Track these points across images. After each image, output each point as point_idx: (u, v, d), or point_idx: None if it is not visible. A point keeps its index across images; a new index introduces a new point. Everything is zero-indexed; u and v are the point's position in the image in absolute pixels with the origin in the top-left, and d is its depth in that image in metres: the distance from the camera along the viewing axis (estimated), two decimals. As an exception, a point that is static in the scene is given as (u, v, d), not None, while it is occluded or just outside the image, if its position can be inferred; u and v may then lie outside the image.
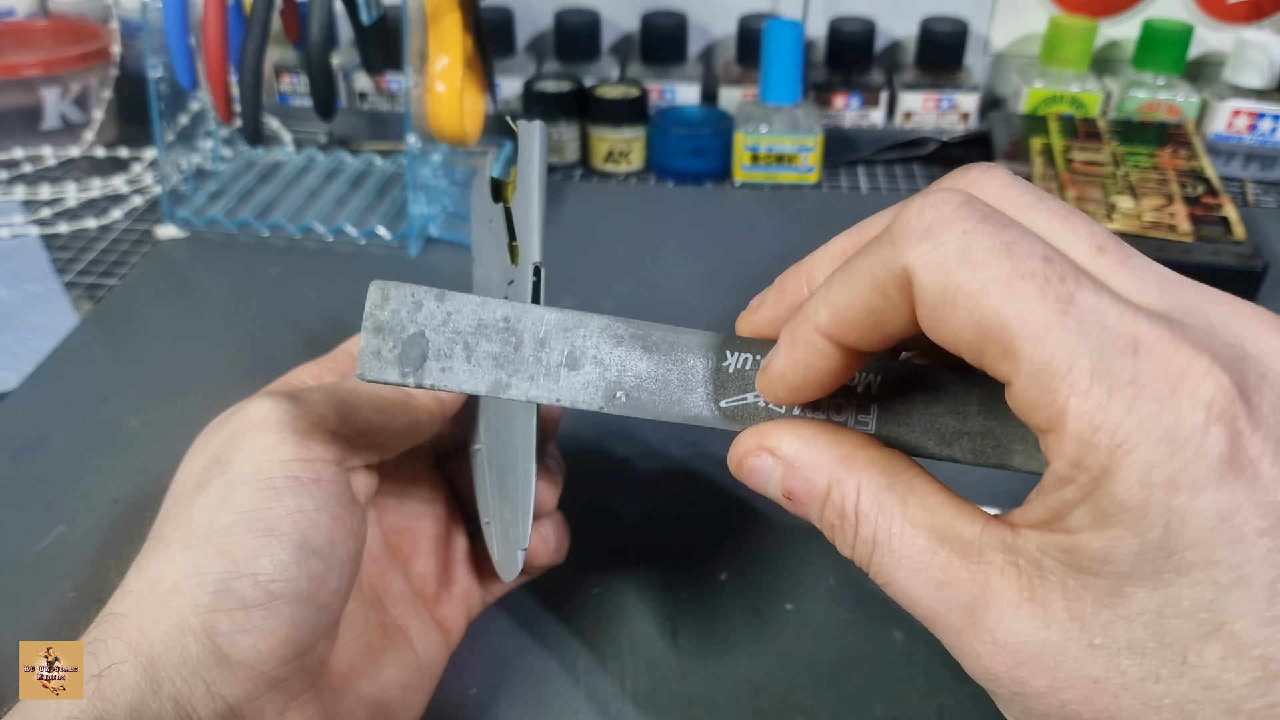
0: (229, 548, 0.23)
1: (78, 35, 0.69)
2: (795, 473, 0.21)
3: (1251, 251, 0.50)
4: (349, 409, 0.26)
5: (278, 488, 0.24)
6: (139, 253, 0.56)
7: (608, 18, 0.74)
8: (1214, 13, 0.72)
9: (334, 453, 0.25)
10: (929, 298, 0.17)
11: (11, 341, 0.48)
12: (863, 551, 0.20)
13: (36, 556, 0.35)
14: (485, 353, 0.22)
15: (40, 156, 0.66)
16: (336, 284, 0.52)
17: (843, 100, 0.71)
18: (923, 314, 0.18)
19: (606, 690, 0.31)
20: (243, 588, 0.23)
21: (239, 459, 0.24)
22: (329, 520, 0.24)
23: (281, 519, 0.23)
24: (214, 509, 0.24)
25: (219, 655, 0.22)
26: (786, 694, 0.31)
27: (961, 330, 0.17)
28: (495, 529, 0.28)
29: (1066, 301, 0.16)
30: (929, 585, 0.19)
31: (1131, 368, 0.16)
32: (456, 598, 0.31)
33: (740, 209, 0.61)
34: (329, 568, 0.24)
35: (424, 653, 0.29)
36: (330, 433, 0.25)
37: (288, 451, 0.24)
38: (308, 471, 0.24)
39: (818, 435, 0.21)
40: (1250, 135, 0.66)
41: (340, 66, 0.73)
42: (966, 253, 0.17)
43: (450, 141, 0.55)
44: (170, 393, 0.44)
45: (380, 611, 0.29)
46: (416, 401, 0.28)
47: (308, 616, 0.24)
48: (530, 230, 0.25)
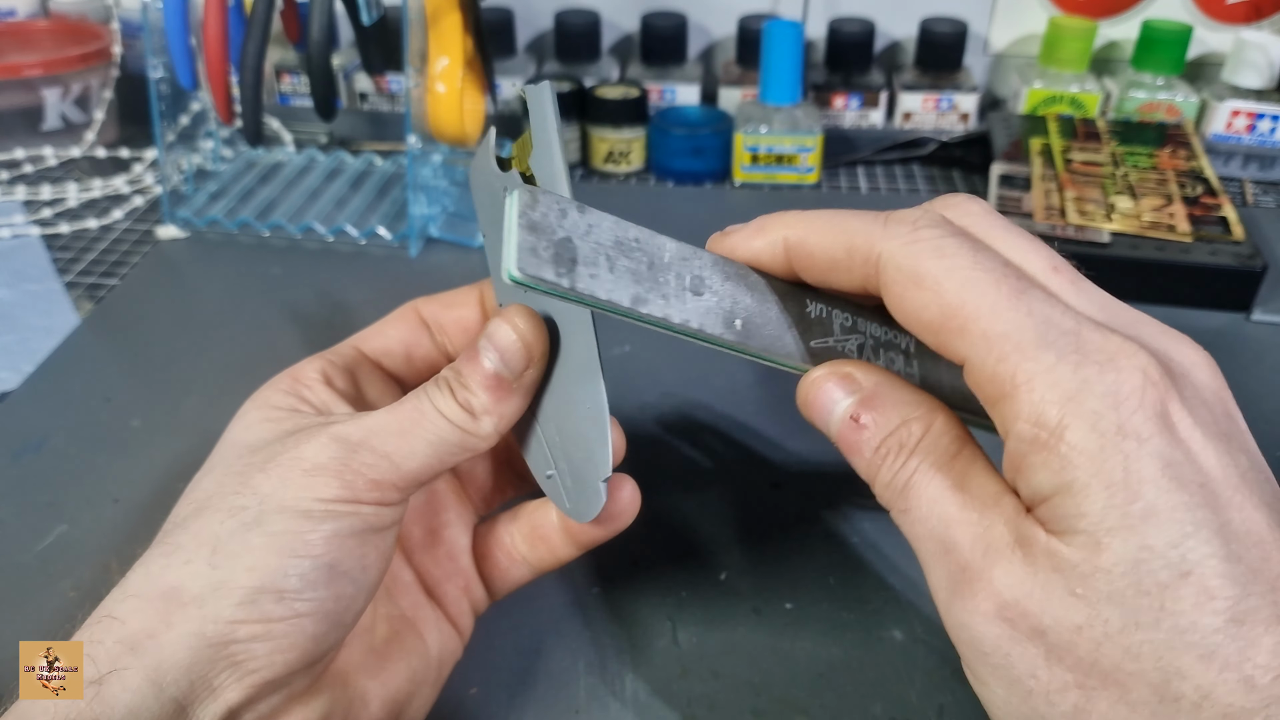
0: (257, 565, 0.23)
1: (78, 35, 0.69)
2: (871, 402, 0.23)
3: (1250, 251, 0.50)
4: (404, 457, 0.25)
5: (315, 516, 0.23)
6: (140, 253, 0.56)
7: (608, 18, 0.74)
8: (1213, 13, 0.72)
9: (378, 498, 0.25)
10: (900, 276, 0.21)
11: (12, 341, 0.48)
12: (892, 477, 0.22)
13: (37, 556, 0.35)
14: (624, 268, 0.22)
15: (41, 157, 0.66)
16: (337, 284, 0.53)
17: (842, 101, 0.71)
18: (891, 291, 0.21)
19: (606, 690, 0.31)
20: (268, 603, 0.22)
21: (279, 494, 0.24)
22: (360, 544, 0.24)
23: (315, 542, 0.23)
24: (245, 531, 0.23)
25: (231, 660, 0.22)
26: (786, 694, 0.31)
27: (924, 309, 0.21)
28: (565, 475, 0.27)
29: (1019, 293, 0.20)
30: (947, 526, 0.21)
31: (1074, 343, 0.19)
32: (462, 592, 0.30)
33: (740, 209, 0.61)
34: (358, 589, 0.24)
35: (435, 646, 0.29)
36: (379, 482, 0.25)
37: (332, 493, 0.24)
38: (348, 509, 0.24)
39: (896, 379, 0.23)
40: (1249, 135, 0.66)
41: (341, 67, 0.73)
42: (939, 248, 0.21)
43: (450, 142, 0.55)
44: (171, 392, 0.44)
45: (389, 605, 0.28)
46: (473, 441, 0.26)
47: (328, 633, 0.23)
48: (557, 181, 0.25)
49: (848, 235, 0.23)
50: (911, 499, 0.21)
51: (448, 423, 0.25)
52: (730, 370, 0.45)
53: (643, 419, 0.42)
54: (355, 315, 0.49)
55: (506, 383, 0.26)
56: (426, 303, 0.32)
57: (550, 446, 0.27)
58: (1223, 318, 0.50)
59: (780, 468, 0.40)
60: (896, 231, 0.22)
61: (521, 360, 0.26)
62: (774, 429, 0.42)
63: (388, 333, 0.31)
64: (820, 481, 0.39)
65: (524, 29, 0.76)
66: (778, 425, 0.42)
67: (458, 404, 0.26)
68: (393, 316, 0.31)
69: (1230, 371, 0.21)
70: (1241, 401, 0.21)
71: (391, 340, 0.31)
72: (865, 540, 0.36)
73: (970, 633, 0.19)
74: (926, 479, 0.21)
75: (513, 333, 0.26)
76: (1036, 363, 0.18)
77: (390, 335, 0.31)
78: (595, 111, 0.64)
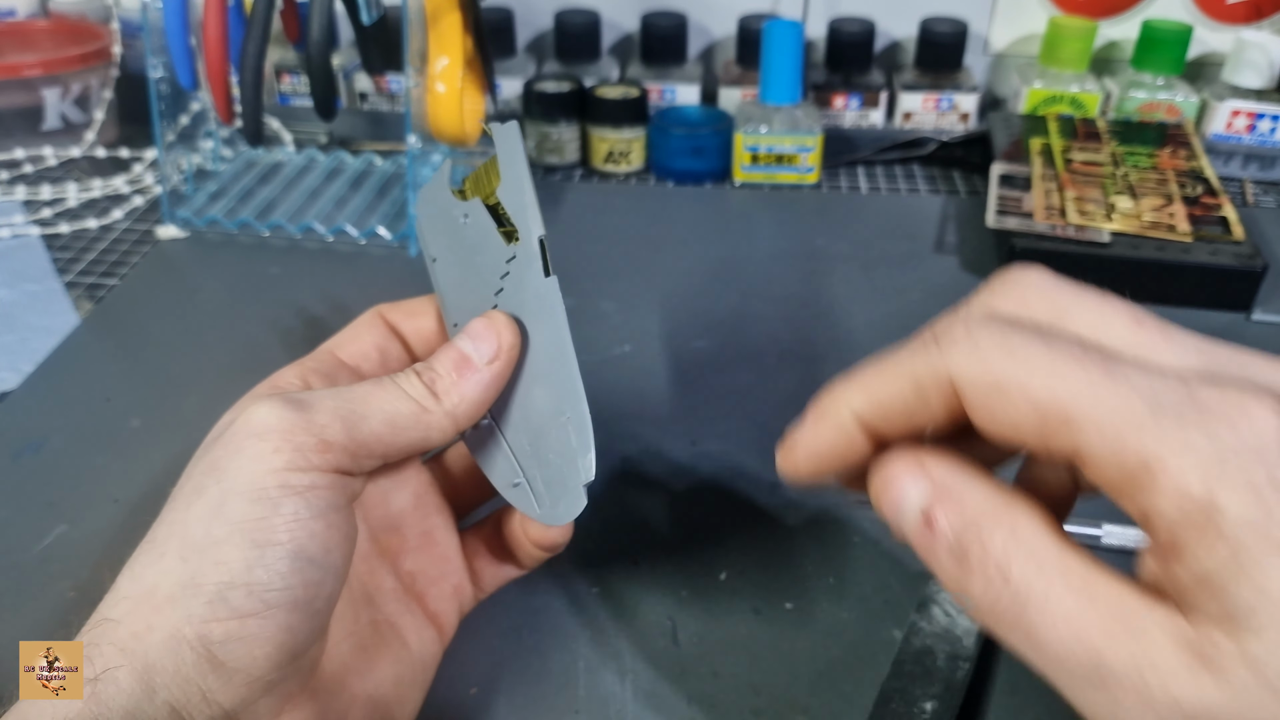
0: (223, 559, 0.23)
1: (78, 35, 0.69)
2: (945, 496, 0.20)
3: (1250, 251, 0.50)
4: (356, 420, 0.25)
5: (272, 497, 0.23)
6: (139, 253, 0.56)
7: (608, 18, 0.74)
8: (1213, 13, 0.72)
9: (331, 462, 0.25)
10: (980, 392, 0.19)
11: (12, 341, 0.48)
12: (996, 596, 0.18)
13: (37, 556, 0.35)
14: None
15: (41, 157, 0.66)
16: (337, 284, 0.53)
17: (842, 100, 0.71)
18: (976, 411, 0.19)
19: (606, 690, 0.31)
20: (237, 598, 0.22)
21: (234, 466, 0.24)
22: (324, 527, 0.24)
23: (277, 529, 0.23)
24: (209, 519, 0.23)
25: (214, 663, 0.22)
26: (786, 694, 0.31)
27: (1019, 416, 0.18)
28: (536, 481, 0.28)
29: (1109, 368, 0.18)
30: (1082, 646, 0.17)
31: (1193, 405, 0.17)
32: (448, 593, 0.31)
33: (740, 209, 0.61)
34: (324, 574, 0.24)
35: (417, 649, 0.29)
36: (330, 443, 0.25)
37: (282, 461, 0.24)
38: (303, 480, 0.24)
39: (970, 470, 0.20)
40: (1249, 135, 0.66)
41: (340, 67, 0.73)
42: (1008, 347, 0.19)
43: (450, 142, 0.55)
44: (171, 392, 0.44)
45: (371, 609, 0.29)
46: (430, 418, 0.27)
47: (302, 622, 0.23)
48: (526, 210, 0.28)
49: (909, 375, 0.20)
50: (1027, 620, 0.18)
51: (405, 394, 0.26)
52: (730, 370, 0.45)
53: (641, 419, 0.42)
54: (355, 315, 0.49)
55: (472, 364, 0.27)
56: (390, 310, 0.32)
57: (518, 455, 0.28)
58: (1223, 318, 0.50)
59: (780, 468, 0.40)
60: (954, 348, 0.19)
61: (491, 345, 0.27)
62: (774, 429, 0.41)
63: (361, 337, 0.31)
64: (820, 481, 0.39)
65: (524, 29, 0.76)
66: (777, 425, 0.42)
67: (420, 381, 0.27)
68: (361, 323, 0.32)
69: (1231, 371, 0.21)
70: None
71: (366, 344, 0.31)
72: (865, 540, 0.36)
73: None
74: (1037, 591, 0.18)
75: (486, 319, 0.27)
76: (1161, 436, 0.16)
77: (365, 340, 0.31)
78: (595, 111, 0.64)
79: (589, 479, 0.27)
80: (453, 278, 0.30)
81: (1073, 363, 0.18)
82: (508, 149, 0.29)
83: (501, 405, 0.28)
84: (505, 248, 0.29)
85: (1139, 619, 0.17)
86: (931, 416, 0.20)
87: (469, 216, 0.30)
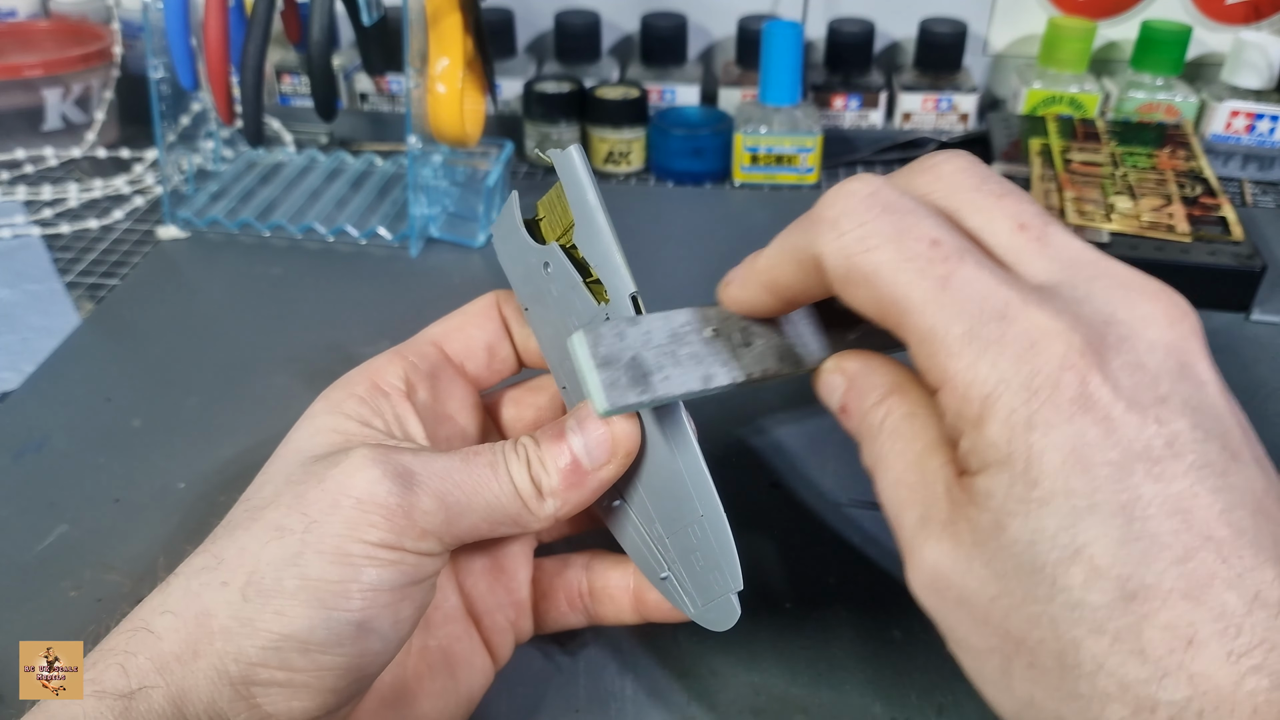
0: (288, 611, 0.22)
1: (79, 36, 0.69)
2: (852, 387, 0.24)
3: (1250, 252, 0.50)
4: (459, 512, 0.24)
5: (355, 564, 0.23)
6: (140, 253, 0.56)
7: (608, 19, 0.74)
8: (1212, 14, 0.72)
9: (424, 548, 0.24)
10: (837, 278, 0.21)
11: (13, 341, 0.48)
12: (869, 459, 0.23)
13: (38, 556, 0.35)
14: (686, 355, 0.24)
15: (42, 157, 0.66)
16: (338, 284, 0.53)
17: (842, 101, 0.71)
18: (836, 289, 0.22)
19: (606, 690, 0.31)
20: (292, 653, 0.22)
21: (324, 520, 0.23)
22: (399, 599, 0.23)
23: (352, 596, 0.22)
24: (282, 566, 0.22)
25: (251, 705, 0.22)
26: (786, 693, 0.31)
27: (865, 304, 0.21)
28: (684, 580, 0.27)
29: (945, 279, 0.20)
30: (898, 502, 0.22)
31: (998, 330, 0.19)
32: (510, 624, 0.29)
33: (740, 209, 0.61)
34: (385, 644, 0.23)
35: (465, 681, 0.28)
36: (427, 531, 0.24)
37: (376, 536, 0.23)
38: (391, 556, 0.23)
39: (878, 362, 0.24)
40: (1248, 136, 0.67)
41: (341, 67, 0.73)
42: (866, 241, 0.21)
43: (451, 142, 0.55)
44: (171, 392, 0.44)
45: (425, 636, 0.27)
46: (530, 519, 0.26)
47: (349, 685, 0.23)
48: (609, 259, 0.26)
49: (792, 255, 0.23)
50: (878, 476, 0.23)
51: (513, 493, 0.25)
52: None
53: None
54: (355, 315, 0.49)
55: (584, 472, 0.26)
56: (508, 300, 0.31)
57: (657, 545, 0.27)
58: (1222, 318, 0.50)
59: (780, 468, 0.40)
60: (822, 232, 0.22)
61: (605, 454, 0.26)
62: (774, 429, 0.42)
63: (471, 333, 0.30)
64: (820, 481, 0.39)
65: (524, 29, 0.76)
66: (778, 425, 0.42)
67: (529, 477, 0.25)
68: (474, 311, 0.30)
69: (1230, 372, 0.21)
70: (1241, 402, 0.21)
71: (476, 342, 0.30)
72: (865, 540, 0.36)
73: (917, 601, 0.21)
74: (888, 456, 0.22)
75: (604, 425, 0.26)
76: (959, 360, 0.19)
77: (474, 336, 0.30)
78: (595, 112, 0.64)
79: (739, 588, 0.25)
80: (548, 335, 0.28)
81: (916, 269, 0.20)
82: (572, 179, 0.26)
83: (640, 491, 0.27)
84: (596, 307, 0.26)
85: (932, 484, 0.21)
86: (821, 287, 0.23)
87: (549, 266, 0.27)
